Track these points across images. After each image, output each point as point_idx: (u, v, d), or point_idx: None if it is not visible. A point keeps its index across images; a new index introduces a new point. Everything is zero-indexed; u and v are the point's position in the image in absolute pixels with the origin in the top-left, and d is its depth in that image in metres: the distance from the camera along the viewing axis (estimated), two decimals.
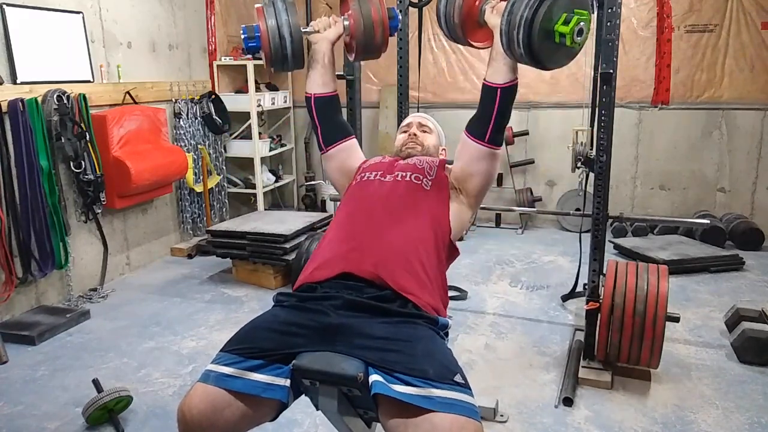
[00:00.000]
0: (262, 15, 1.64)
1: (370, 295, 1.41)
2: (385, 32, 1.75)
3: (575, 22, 1.38)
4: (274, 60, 1.68)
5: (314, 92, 1.80)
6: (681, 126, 4.80)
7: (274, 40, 1.64)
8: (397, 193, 1.64)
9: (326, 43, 1.77)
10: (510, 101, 1.58)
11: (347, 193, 1.75)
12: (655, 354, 2.44)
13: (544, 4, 1.37)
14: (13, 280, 3.16)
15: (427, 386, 1.21)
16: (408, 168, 1.72)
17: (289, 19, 1.64)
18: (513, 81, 1.56)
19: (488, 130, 1.59)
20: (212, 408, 1.27)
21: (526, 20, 1.37)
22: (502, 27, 1.45)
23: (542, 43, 1.39)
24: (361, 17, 1.71)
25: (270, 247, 3.69)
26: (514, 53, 1.46)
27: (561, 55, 1.46)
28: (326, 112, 1.81)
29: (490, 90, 1.57)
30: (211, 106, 4.66)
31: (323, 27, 1.77)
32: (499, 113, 1.57)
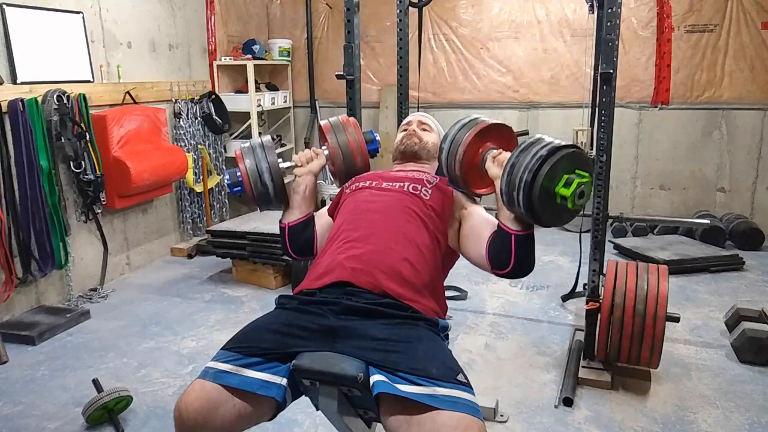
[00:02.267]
0: (242, 161, 1.70)
1: (368, 301, 1.41)
2: (364, 157, 1.82)
3: (576, 185, 1.33)
4: (258, 202, 1.73)
5: (289, 222, 1.80)
6: (681, 126, 4.80)
7: (256, 186, 1.69)
8: (394, 200, 1.63)
9: (310, 177, 1.79)
10: (527, 248, 1.47)
11: (342, 204, 1.74)
12: (655, 354, 2.44)
13: (544, 167, 1.33)
14: (13, 280, 3.16)
15: (431, 385, 1.21)
16: (406, 179, 1.71)
17: (269, 164, 1.68)
18: (526, 232, 1.46)
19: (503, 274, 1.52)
20: (208, 405, 1.27)
21: (526, 183, 1.34)
22: (502, 187, 1.41)
23: (543, 203, 1.35)
24: (339, 148, 1.79)
25: (270, 247, 3.69)
26: (515, 211, 1.43)
27: (563, 215, 1.42)
28: (300, 235, 1.80)
29: (505, 234, 1.48)
30: (211, 106, 4.66)
31: (306, 160, 1.80)
32: (518, 260, 1.46)
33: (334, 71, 2.79)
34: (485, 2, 5.06)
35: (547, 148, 1.35)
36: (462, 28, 5.14)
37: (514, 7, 4.98)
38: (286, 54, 5.55)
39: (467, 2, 5.10)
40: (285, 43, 5.53)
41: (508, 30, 5.02)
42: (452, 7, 5.13)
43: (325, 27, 5.55)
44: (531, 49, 4.99)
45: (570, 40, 4.89)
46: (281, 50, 5.49)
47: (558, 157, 1.34)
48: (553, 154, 1.34)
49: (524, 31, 4.99)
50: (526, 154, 1.36)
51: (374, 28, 5.34)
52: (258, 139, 1.76)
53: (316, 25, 5.54)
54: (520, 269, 1.48)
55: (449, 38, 5.18)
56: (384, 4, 5.05)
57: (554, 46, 4.94)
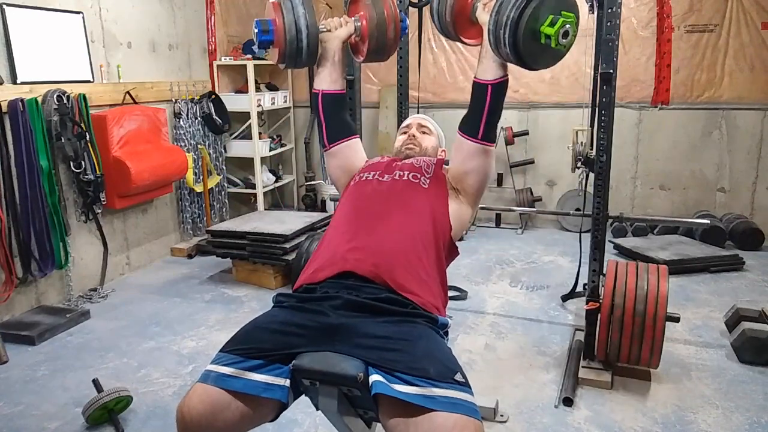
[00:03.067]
0: (279, 8, 1.63)
1: (369, 295, 1.41)
2: (396, 29, 1.76)
3: (561, 24, 1.38)
4: (288, 54, 1.66)
5: (323, 89, 1.79)
6: (681, 126, 4.80)
7: (290, 33, 1.62)
8: (395, 191, 1.65)
9: (338, 42, 1.77)
10: (501, 98, 1.59)
11: (345, 193, 1.76)
12: (655, 354, 2.44)
13: (530, 5, 1.38)
14: (13, 280, 3.16)
15: (428, 385, 1.21)
16: (406, 167, 1.73)
17: (306, 12, 1.63)
18: (503, 78, 1.56)
19: (480, 127, 1.60)
20: (211, 408, 1.27)
21: (512, 20, 1.39)
22: (489, 26, 1.47)
23: (528, 43, 1.40)
24: (374, 13, 1.73)
25: (270, 247, 3.69)
26: (501, 52, 1.48)
27: (547, 56, 1.47)
28: (333, 109, 1.81)
29: (481, 87, 1.58)
30: (211, 106, 4.66)
31: (335, 26, 1.78)
32: (491, 110, 1.58)
33: None
34: None
35: None
36: None
37: None
38: None
39: None
40: None
41: None
42: None
43: None
44: None
45: None
46: None
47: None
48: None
49: None
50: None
51: None
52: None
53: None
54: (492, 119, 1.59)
55: None
56: None
57: None
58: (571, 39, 1.43)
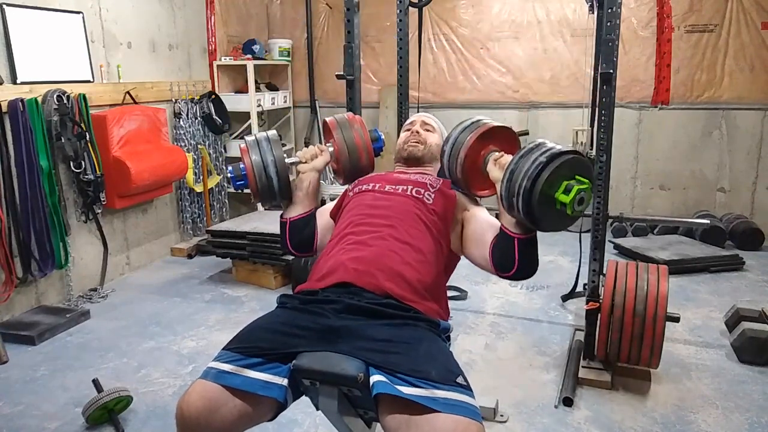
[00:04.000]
0: (247, 155, 1.66)
1: (370, 300, 1.41)
2: (369, 155, 1.80)
3: (575, 192, 1.33)
4: (262, 195, 1.69)
5: (291, 217, 1.76)
6: (681, 126, 4.80)
7: (260, 180, 1.65)
8: (397, 203, 1.63)
9: (314, 174, 1.76)
10: (531, 250, 1.47)
11: (345, 207, 1.74)
12: (655, 354, 2.44)
13: (543, 174, 1.32)
14: (13, 280, 3.16)
15: (430, 387, 1.21)
16: (410, 182, 1.71)
17: (275, 157, 1.65)
18: (528, 235, 1.46)
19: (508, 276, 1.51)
20: (210, 405, 1.27)
21: (525, 190, 1.33)
22: (501, 192, 1.41)
23: (542, 210, 1.35)
24: (345, 144, 1.77)
25: (270, 247, 3.69)
26: (515, 216, 1.43)
27: (563, 220, 1.41)
28: (300, 229, 1.77)
29: (507, 238, 1.47)
30: (211, 106, 4.66)
31: (310, 156, 1.76)
32: (522, 262, 1.46)
33: (334, 71, 2.79)
34: (485, 2, 5.06)
35: (546, 155, 1.34)
36: (462, 28, 5.14)
37: (514, 7, 4.98)
38: (286, 54, 5.55)
39: (467, 2, 5.10)
40: (285, 43, 5.53)
41: (508, 30, 5.02)
42: (452, 7, 5.13)
43: (325, 27, 5.54)
44: (531, 49, 4.99)
45: (570, 40, 4.89)
46: (281, 50, 5.48)
47: (557, 164, 1.33)
48: (552, 160, 1.33)
49: (524, 31, 4.98)
50: (526, 160, 1.36)
51: (374, 28, 5.34)
52: (264, 133, 1.72)
53: (316, 25, 5.53)
54: (524, 271, 1.48)
55: (449, 38, 5.18)
56: (384, 4, 5.04)
57: (554, 46, 4.93)
58: (586, 205, 1.37)
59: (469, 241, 1.63)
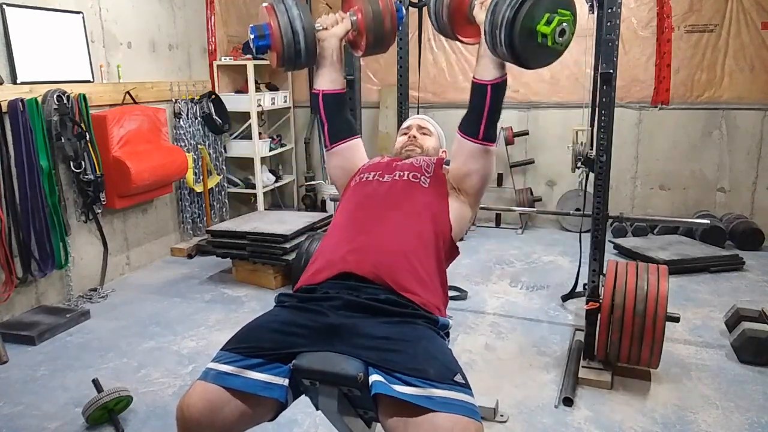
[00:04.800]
0: (273, 12, 1.60)
1: (369, 296, 1.41)
2: (393, 21, 1.74)
3: (557, 23, 1.37)
4: (287, 58, 1.62)
5: (323, 89, 1.78)
6: (681, 126, 4.80)
7: (286, 36, 1.59)
8: (395, 192, 1.65)
9: (335, 40, 1.75)
10: (500, 97, 1.58)
11: (346, 194, 1.76)
12: (655, 354, 2.44)
13: (525, 4, 1.36)
14: (13, 280, 3.16)
15: (427, 386, 1.20)
16: (405, 167, 1.73)
17: (301, 13, 1.59)
18: (502, 77, 1.55)
19: (481, 127, 1.59)
20: (210, 406, 1.27)
21: (508, 20, 1.37)
22: (485, 26, 1.45)
23: (524, 43, 1.39)
24: (370, 7, 1.71)
25: (270, 247, 3.69)
26: (498, 52, 1.46)
27: (544, 55, 1.45)
28: (334, 109, 1.80)
29: (480, 87, 1.57)
30: (211, 106, 4.66)
31: (331, 24, 1.75)
32: (491, 110, 1.57)
33: None
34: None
35: None
36: None
37: None
38: None
39: None
40: None
41: None
42: None
43: None
44: None
45: None
46: None
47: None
48: None
49: None
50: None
51: None
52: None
53: None
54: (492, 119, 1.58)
55: None
56: None
57: None
58: (568, 37, 1.41)
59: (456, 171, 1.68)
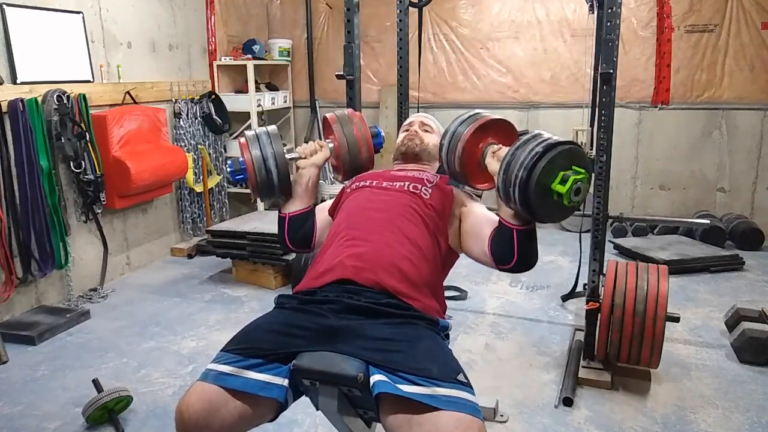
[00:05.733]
0: (247, 149, 1.65)
1: (369, 300, 1.41)
2: (369, 149, 1.80)
3: (572, 182, 1.32)
4: (261, 190, 1.68)
5: (290, 212, 1.77)
6: (681, 126, 4.80)
7: (260, 174, 1.64)
8: (394, 199, 1.63)
9: (314, 169, 1.76)
10: (529, 242, 1.46)
11: (343, 203, 1.74)
12: (655, 354, 2.44)
13: (539, 165, 1.32)
14: (13, 280, 3.16)
15: (431, 385, 1.20)
16: (407, 178, 1.71)
17: (274, 151, 1.64)
18: (530, 225, 1.45)
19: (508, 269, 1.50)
20: (210, 407, 1.27)
21: (522, 180, 1.33)
22: (498, 183, 1.40)
23: (538, 200, 1.34)
24: (344, 139, 1.77)
25: (270, 247, 3.69)
26: (513, 208, 1.42)
27: (560, 211, 1.41)
28: (299, 227, 1.78)
29: (506, 230, 1.47)
30: (211, 106, 4.66)
31: (309, 152, 1.77)
32: (521, 254, 1.45)
33: (334, 71, 2.79)
34: (485, 2, 5.06)
35: (542, 145, 1.34)
36: (462, 28, 5.14)
37: (514, 7, 4.98)
38: (286, 54, 5.55)
39: (467, 2, 5.10)
40: (285, 43, 5.53)
41: (508, 30, 5.02)
42: (452, 7, 5.13)
43: (325, 27, 5.55)
44: (531, 49, 4.99)
45: (570, 40, 4.89)
46: (281, 50, 5.49)
47: (554, 154, 1.33)
48: (548, 150, 1.33)
49: (524, 31, 4.99)
50: (522, 150, 1.36)
51: (374, 28, 5.34)
52: (263, 128, 1.71)
53: (316, 25, 5.54)
54: (524, 263, 1.47)
55: (449, 38, 5.18)
56: (384, 4, 5.04)
57: (554, 46, 4.94)
58: (584, 195, 1.36)
59: (468, 236, 1.62)
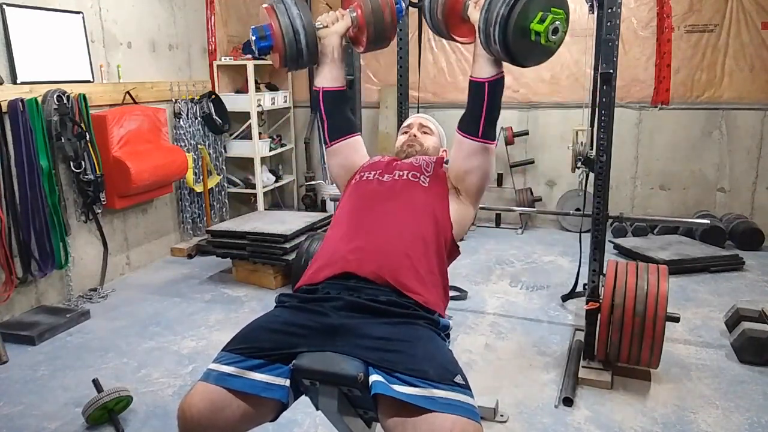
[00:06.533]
0: (273, 12, 1.62)
1: (370, 297, 1.41)
2: (393, 14, 1.76)
3: (550, 21, 1.39)
4: (289, 57, 1.64)
5: (323, 86, 1.78)
6: (681, 126, 4.80)
7: (288, 36, 1.60)
8: (395, 191, 1.64)
9: (336, 37, 1.75)
10: (498, 94, 1.58)
11: (346, 193, 1.75)
12: (655, 354, 2.44)
13: (519, 2, 1.38)
14: (13, 280, 3.16)
15: (427, 387, 1.21)
16: (405, 167, 1.73)
17: (301, 12, 1.61)
18: (499, 74, 1.55)
19: (480, 126, 1.59)
20: (212, 407, 1.27)
21: (502, 17, 1.39)
22: (479, 24, 1.46)
23: (518, 40, 1.41)
24: (369, 1, 1.72)
25: (270, 247, 3.69)
26: (492, 50, 1.48)
27: (537, 53, 1.47)
28: (335, 106, 1.80)
29: (478, 85, 1.57)
30: (211, 106, 4.66)
31: (331, 21, 1.76)
32: (489, 108, 1.57)
33: None
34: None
35: None
36: None
37: None
38: None
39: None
40: None
41: None
42: None
43: None
44: None
45: (570, 40, 4.84)
46: None
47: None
48: None
49: None
50: None
51: None
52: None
53: None
54: (490, 114, 1.58)
55: None
56: None
57: None
58: (561, 36, 1.43)
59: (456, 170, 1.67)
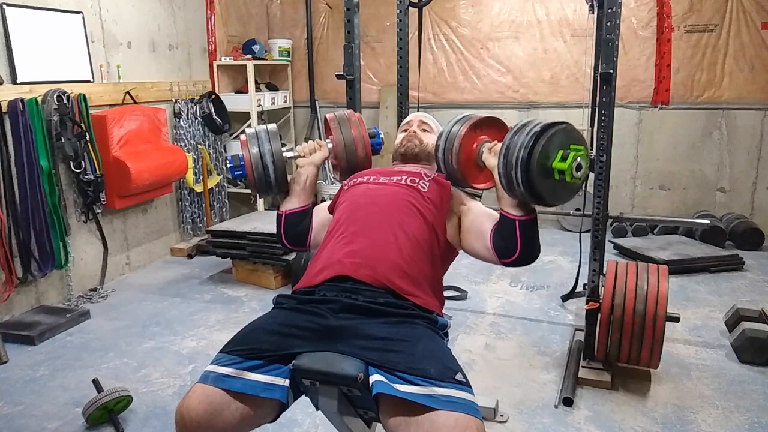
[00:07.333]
0: (245, 146, 1.70)
1: (368, 299, 1.41)
2: (366, 149, 1.83)
3: (572, 158, 1.35)
4: (259, 187, 1.73)
5: (287, 210, 1.80)
6: (681, 126, 4.80)
7: (257, 171, 1.69)
8: (391, 193, 1.64)
9: (312, 168, 1.80)
10: (532, 233, 1.48)
11: (341, 198, 1.74)
12: (655, 354, 2.44)
13: (538, 144, 1.34)
14: (13, 280, 3.16)
15: (429, 385, 1.20)
16: (403, 173, 1.72)
17: (272, 148, 1.69)
18: (530, 215, 1.47)
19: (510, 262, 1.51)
20: (211, 409, 1.27)
21: (523, 160, 1.35)
22: (499, 169, 1.43)
23: (542, 181, 1.36)
24: (341, 137, 1.81)
25: (270, 247, 3.69)
26: (516, 193, 1.43)
27: (563, 191, 1.42)
28: (295, 226, 1.80)
29: (509, 222, 1.49)
30: (211, 106, 4.66)
31: (309, 151, 1.81)
32: (524, 246, 1.47)
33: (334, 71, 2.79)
34: (485, 2, 5.06)
35: (539, 126, 1.38)
36: (462, 28, 5.14)
37: (514, 7, 4.98)
38: (286, 54, 5.55)
39: (467, 2, 5.10)
40: (285, 43, 5.53)
41: (508, 30, 5.02)
42: (452, 7, 5.13)
43: (325, 27, 5.55)
44: (531, 49, 4.99)
45: (570, 40, 4.89)
46: (281, 50, 5.49)
47: (551, 133, 1.36)
48: (546, 130, 1.36)
49: (524, 31, 4.99)
50: (520, 134, 1.40)
51: (374, 28, 5.34)
52: (263, 126, 1.75)
53: (316, 25, 5.54)
54: (527, 255, 1.49)
55: (449, 38, 5.18)
56: (384, 4, 5.05)
57: (554, 46, 4.94)
58: (585, 171, 1.39)
59: (469, 233, 1.63)
